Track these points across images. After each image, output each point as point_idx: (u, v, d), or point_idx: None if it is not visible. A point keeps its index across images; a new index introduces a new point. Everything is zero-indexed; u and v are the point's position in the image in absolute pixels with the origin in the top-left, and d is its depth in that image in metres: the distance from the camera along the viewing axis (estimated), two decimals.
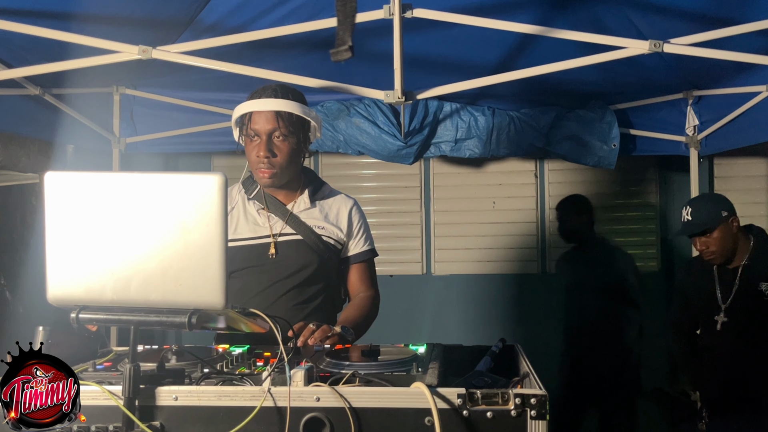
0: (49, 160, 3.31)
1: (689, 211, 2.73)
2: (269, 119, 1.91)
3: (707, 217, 2.69)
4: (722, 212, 2.69)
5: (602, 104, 3.75)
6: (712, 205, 2.73)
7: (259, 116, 1.92)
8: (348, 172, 4.58)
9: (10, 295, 3.26)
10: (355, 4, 1.81)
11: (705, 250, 2.73)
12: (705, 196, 2.76)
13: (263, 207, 2.04)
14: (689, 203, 2.78)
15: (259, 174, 1.96)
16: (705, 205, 2.73)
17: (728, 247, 2.71)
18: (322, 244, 2.02)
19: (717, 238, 2.69)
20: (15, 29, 2.16)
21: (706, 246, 2.72)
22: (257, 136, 1.93)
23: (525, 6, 2.66)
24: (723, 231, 2.69)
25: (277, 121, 1.91)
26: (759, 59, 2.17)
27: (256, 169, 1.96)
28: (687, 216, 2.74)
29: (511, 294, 4.52)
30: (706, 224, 2.68)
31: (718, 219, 2.68)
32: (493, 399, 1.21)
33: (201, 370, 1.37)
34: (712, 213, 2.69)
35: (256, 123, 1.92)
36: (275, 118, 1.91)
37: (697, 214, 2.71)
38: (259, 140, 1.92)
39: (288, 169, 1.97)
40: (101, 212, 1.20)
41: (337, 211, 2.08)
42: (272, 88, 1.96)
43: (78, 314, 1.21)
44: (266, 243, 1.99)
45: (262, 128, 1.91)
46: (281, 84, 2.03)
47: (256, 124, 1.92)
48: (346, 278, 2.12)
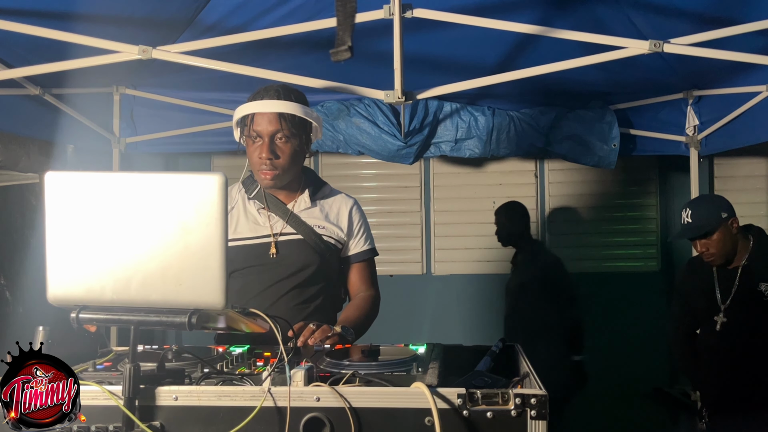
0: (49, 160, 3.31)
1: (689, 214, 2.72)
2: (272, 120, 1.90)
3: (707, 220, 2.67)
4: (722, 214, 2.68)
5: (602, 104, 3.75)
6: (711, 207, 2.71)
7: (261, 117, 1.91)
8: (348, 172, 4.58)
9: (10, 295, 3.26)
10: (355, 4, 1.81)
11: (705, 252, 2.72)
12: (704, 198, 2.75)
13: (264, 206, 2.04)
14: (688, 205, 2.77)
15: (261, 175, 1.96)
16: (704, 207, 2.72)
17: (728, 249, 2.70)
18: (322, 244, 2.02)
19: (717, 240, 2.68)
20: (15, 29, 2.16)
21: (706, 248, 2.71)
22: (259, 138, 1.92)
23: (525, 6, 2.66)
24: (723, 233, 2.68)
25: (280, 122, 1.90)
26: (759, 59, 2.17)
27: (258, 170, 1.96)
28: (687, 218, 2.72)
29: None
30: (706, 227, 2.67)
31: (718, 221, 2.67)
32: (493, 399, 1.21)
33: (201, 370, 1.37)
34: (712, 215, 2.68)
35: (258, 124, 1.91)
36: (278, 120, 1.90)
37: (697, 217, 2.70)
38: (262, 141, 1.92)
39: (290, 170, 1.97)
40: (101, 212, 1.20)
41: (337, 210, 2.08)
42: (275, 89, 1.96)
43: (78, 314, 1.21)
44: (267, 243, 1.99)
45: (264, 129, 1.91)
46: (283, 85, 2.02)
47: (258, 126, 1.91)
48: (346, 278, 2.12)
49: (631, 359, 4.30)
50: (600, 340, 4.30)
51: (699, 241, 2.72)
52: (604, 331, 4.30)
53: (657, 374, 4.33)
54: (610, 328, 4.33)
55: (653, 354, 4.26)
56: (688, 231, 2.73)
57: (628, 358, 4.31)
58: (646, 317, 4.28)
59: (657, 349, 4.15)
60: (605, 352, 4.31)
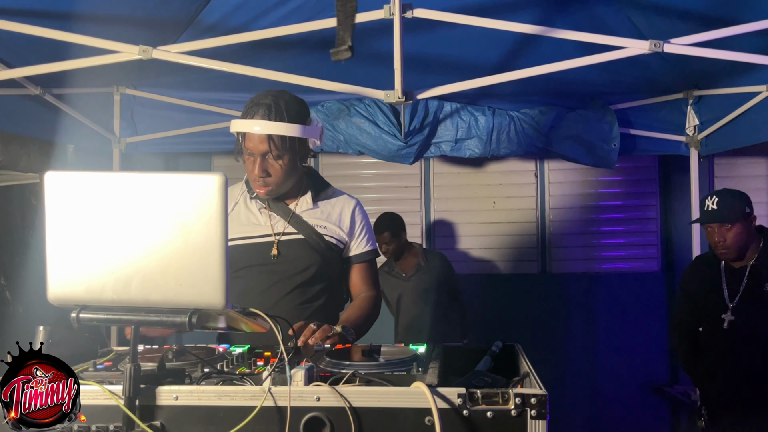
0: (49, 159, 3.31)
1: (714, 201, 2.73)
2: (262, 140, 1.88)
3: (731, 210, 2.70)
4: (746, 208, 2.71)
5: (603, 104, 3.75)
6: (737, 199, 2.74)
7: (252, 136, 1.90)
8: (348, 171, 4.58)
9: (10, 295, 3.27)
10: (355, 4, 1.81)
11: (721, 243, 2.73)
12: (730, 191, 2.78)
13: (265, 206, 2.04)
14: (714, 193, 2.79)
15: (256, 190, 1.98)
16: (730, 198, 2.74)
17: (742, 244, 2.73)
18: (324, 244, 2.01)
19: (735, 233, 2.70)
20: (15, 29, 2.16)
21: (723, 239, 2.72)
22: (252, 155, 1.93)
23: (525, 6, 2.67)
24: (742, 227, 2.70)
25: (269, 143, 1.88)
26: (759, 59, 2.18)
27: (254, 184, 1.98)
28: (712, 205, 2.74)
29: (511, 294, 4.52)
30: (731, 216, 2.69)
31: (742, 214, 2.70)
32: (493, 399, 1.21)
33: (201, 370, 1.37)
34: (737, 206, 2.71)
35: (249, 141, 1.91)
36: (267, 141, 1.88)
37: (723, 205, 2.72)
38: (254, 158, 1.92)
39: (284, 184, 1.97)
40: (101, 212, 1.20)
41: (339, 211, 2.08)
42: (265, 106, 1.88)
43: (78, 314, 1.21)
44: (268, 242, 1.99)
45: (255, 148, 1.90)
46: (276, 98, 1.90)
47: (249, 143, 1.91)
48: (347, 278, 2.12)
49: (631, 359, 4.31)
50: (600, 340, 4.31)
51: (718, 230, 2.73)
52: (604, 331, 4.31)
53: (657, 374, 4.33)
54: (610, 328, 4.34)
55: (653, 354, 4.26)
56: (711, 216, 2.73)
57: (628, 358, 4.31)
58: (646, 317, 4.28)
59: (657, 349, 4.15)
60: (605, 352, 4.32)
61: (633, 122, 3.83)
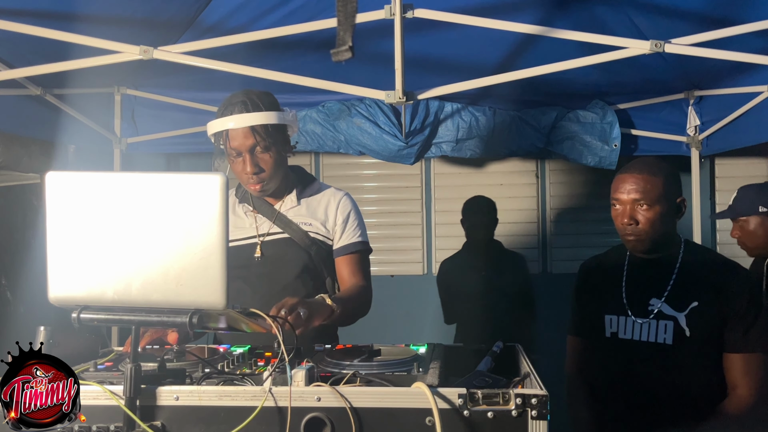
0: (50, 160, 3.31)
1: (734, 197, 2.81)
2: (247, 135, 1.89)
3: (742, 206, 2.75)
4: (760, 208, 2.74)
5: (603, 104, 3.75)
6: (755, 195, 2.77)
7: (235, 133, 1.90)
8: (349, 172, 4.58)
9: (11, 296, 3.27)
10: (355, 5, 1.81)
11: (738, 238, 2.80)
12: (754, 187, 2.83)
13: (251, 209, 2.05)
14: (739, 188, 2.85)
15: (250, 188, 1.98)
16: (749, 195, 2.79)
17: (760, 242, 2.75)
18: (309, 240, 2.01)
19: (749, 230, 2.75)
20: (16, 29, 2.16)
21: (738, 234, 2.79)
22: (239, 155, 1.93)
23: (526, 6, 2.66)
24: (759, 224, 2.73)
25: (254, 135, 1.89)
26: (760, 59, 2.17)
27: (246, 184, 1.98)
28: (730, 202, 2.82)
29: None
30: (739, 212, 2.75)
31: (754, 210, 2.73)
32: (493, 399, 1.21)
33: (202, 370, 1.37)
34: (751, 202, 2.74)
35: (234, 140, 1.91)
36: (252, 134, 1.89)
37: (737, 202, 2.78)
38: (242, 157, 1.92)
39: (276, 175, 1.98)
40: (102, 212, 1.20)
41: (325, 205, 2.08)
42: (241, 101, 1.92)
43: (79, 314, 1.21)
44: (252, 244, 2.00)
45: (242, 145, 1.90)
46: (247, 93, 1.96)
47: (234, 142, 1.91)
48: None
49: None
50: None
51: (734, 225, 2.80)
52: None
53: None
54: None
55: None
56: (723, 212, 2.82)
57: None
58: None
59: None
60: None
61: (634, 122, 3.82)
